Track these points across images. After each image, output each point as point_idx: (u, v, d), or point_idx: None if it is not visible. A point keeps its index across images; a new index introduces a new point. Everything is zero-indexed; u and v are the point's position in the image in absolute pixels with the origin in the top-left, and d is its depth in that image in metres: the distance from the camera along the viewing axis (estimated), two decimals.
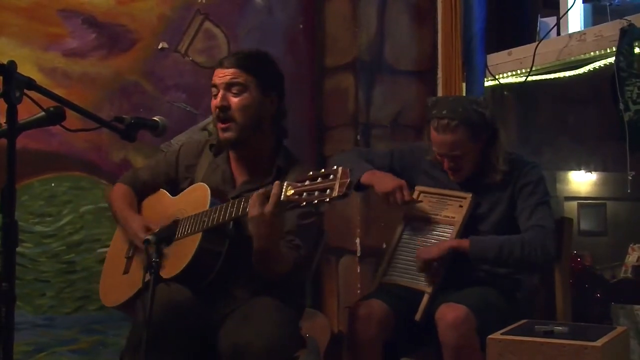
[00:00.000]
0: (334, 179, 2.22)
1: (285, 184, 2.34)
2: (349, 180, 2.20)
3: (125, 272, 2.85)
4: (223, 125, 2.68)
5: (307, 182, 2.28)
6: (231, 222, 2.56)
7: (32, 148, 3.63)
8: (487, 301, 2.82)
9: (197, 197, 2.68)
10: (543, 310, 3.24)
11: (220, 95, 2.67)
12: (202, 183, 2.73)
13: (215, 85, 2.70)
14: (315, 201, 2.24)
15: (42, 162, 3.69)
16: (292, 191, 2.30)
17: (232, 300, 2.63)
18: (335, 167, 2.25)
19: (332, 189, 2.21)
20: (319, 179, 2.26)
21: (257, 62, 2.74)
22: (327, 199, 2.22)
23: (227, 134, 2.68)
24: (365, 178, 3.02)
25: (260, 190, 2.41)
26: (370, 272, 3.92)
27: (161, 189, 2.90)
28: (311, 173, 2.30)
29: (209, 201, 2.62)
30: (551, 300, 3.07)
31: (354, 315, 2.87)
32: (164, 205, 2.83)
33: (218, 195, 2.67)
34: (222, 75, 2.68)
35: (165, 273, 2.52)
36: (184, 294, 2.55)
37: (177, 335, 2.47)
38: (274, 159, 2.77)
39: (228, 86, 2.66)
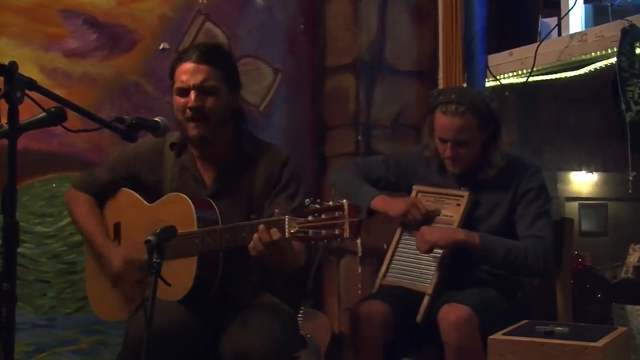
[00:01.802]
0: (342, 217, 2.16)
1: (287, 220, 2.27)
2: (358, 219, 2.15)
3: (115, 285, 2.75)
4: (195, 124, 2.60)
5: (310, 217, 2.22)
6: None
7: (33, 148, 3.62)
8: (488, 302, 2.82)
9: (180, 211, 2.57)
10: (544, 311, 3.24)
11: (193, 96, 2.56)
12: (183, 196, 2.61)
13: (184, 85, 2.58)
14: (325, 240, 2.20)
15: (43, 163, 3.69)
16: (297, 228, 2.24)
17: (233, 304, 2.61)
18: (340, 202, 2.19)
19: (341, 229, 2.15)
20: (324, 215, 2.19)
21: (223, 56, 2.67)
22: (339, 240, 2.17)
23: (200, 131, 2.60)
24: (376, 205, 3.01)
25: (263, 230, 2.33)
26: (371, 273, 3.92)
27: (125, 189, 2.80)
28: (314, 206, 2.23)
29: (195, 221, 2.53)
30: (552, 301, 3.07)
31: (354, 315, 2.87)
32: (140, 211, 2.73)
33: (198, 201, 2.59)
34: (194, 73, 2.57)
35: (169, 296, 2.48)
36: (181, 317, 2.52)
37: None
38: (239, 148, 2.71)
39: (202, 86, 2.57)
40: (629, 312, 3.32)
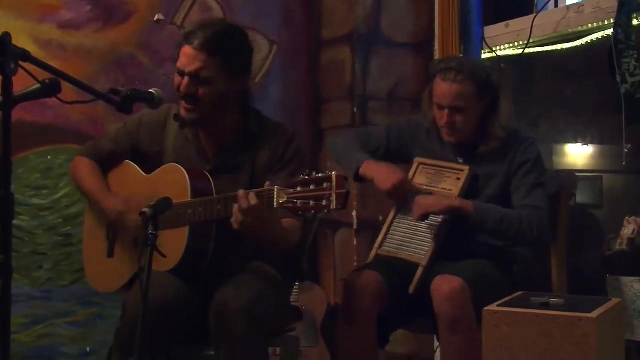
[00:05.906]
0: (329, 188, 2.14)
1: (276, 190, 2.25)
2: (346, 191, 2.13)
3: (110, 255, 2.77)
4: (187, 106, 2.59)
5: (299, 188, 2.20)
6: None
7: (28, 120, 3.62)
8: (482, 273, 2.83)
9: (174, 181, 2.57)
10: (539, 283, 3.26)
11: (186, 82, 2.55)
12: (179, 167, 2.60)
13: (181, 68, 2.56)
14: (312, 211, 2.19)
15: (38, 135, 3.68)
16: (285, 198, 2.22)
17: (227, 277, 2.60)
18: (329, 173, 2.17)
19: (328, 200, 2.14)
20: (312, 186, 2.18)
21: (227, 42, 2.59)
22: (325, 211, 2.16)
23: (191, 115, 2.60)
24: (364, 170, 2.99)
25: (250, 203, 2.31)
26: (367, 245, 3.93)
27: (127, 161, 2.79)
28: (302, 177, 2.21)
29: (189, 190, 2.53)
30: (547, 273, 3.08)
31: (348, 286, 2.88)
32: (138, 182, 2.73)
33: (194, 173, 2.59)
34: (191, 59, 2.53)
35: (162, 266, 2.48)
36: (177, 289, 2.53)
37: (170, 334, 2.49)
38: (245, 125, 2.70)
39: (196, 75, 2.54)
40: (623, 283, 3.34)
